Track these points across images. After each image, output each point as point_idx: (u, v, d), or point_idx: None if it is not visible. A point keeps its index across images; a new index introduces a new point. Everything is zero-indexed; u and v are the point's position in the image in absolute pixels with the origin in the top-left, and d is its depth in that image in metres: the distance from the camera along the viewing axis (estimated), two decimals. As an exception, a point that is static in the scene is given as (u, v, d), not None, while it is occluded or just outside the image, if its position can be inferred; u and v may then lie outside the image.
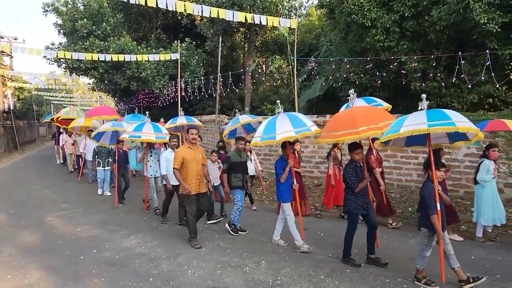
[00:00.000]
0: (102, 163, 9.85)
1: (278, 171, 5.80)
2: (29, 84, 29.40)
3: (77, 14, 15.84)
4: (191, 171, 5.89)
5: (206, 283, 4.59)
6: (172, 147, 7.25)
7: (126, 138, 7.77)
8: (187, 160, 5.83)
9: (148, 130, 7.56)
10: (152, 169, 8.12)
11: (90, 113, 11.47)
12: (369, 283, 4.56)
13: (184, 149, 6.00)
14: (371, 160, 6.62)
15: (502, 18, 7.53)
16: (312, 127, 5.45)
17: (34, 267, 5.17)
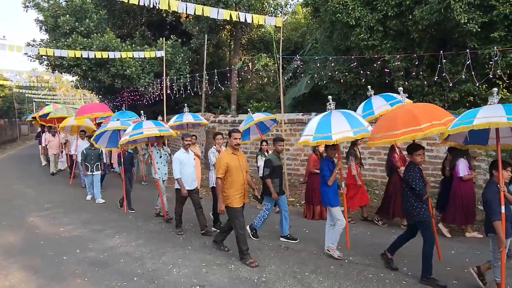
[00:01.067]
0: (90, 168, 8.94)
1: (324, 173, 5.34)
2: (10, 81, 28.72)
3: (59, 10, 15.50)
4: (237, 180, 5.12)
5: (191, 282, 4.59)
6: (185, 147, 6.50)
7: (127, 139, 7.04)
8: (231, 168, 5.05)
9: (149, 126, 7.12)
10: (161, 172, 7.51)
11: (81, 111, 10.53)
12: (352, 278, 4.63)
13: (227, 154, 5.16)
14: (395, 159, 6.44)
15: (481, 18, 7.70)
16: (368, 127, 5.00)
17: (16, 268, 5.09)
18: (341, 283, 4.50)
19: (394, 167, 6.54)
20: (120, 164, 8.24)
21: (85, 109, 10.62)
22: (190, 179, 6.37)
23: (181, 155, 6.38)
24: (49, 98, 34.05)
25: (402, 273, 4.73)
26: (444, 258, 5.14)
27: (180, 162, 6.30)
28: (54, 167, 13.11)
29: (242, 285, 4.47)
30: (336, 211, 5.28)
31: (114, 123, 8.21)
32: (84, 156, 8.97)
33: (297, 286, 4.44)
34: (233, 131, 5.21)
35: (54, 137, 13.04)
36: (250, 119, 8.09)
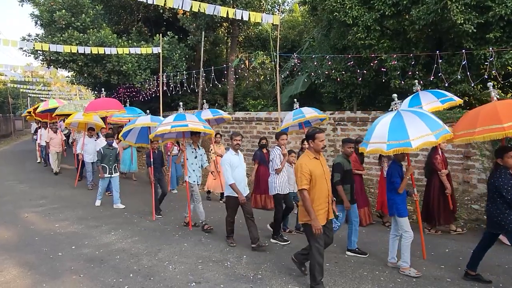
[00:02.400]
0: (108, 169, 8.08)
1: (395, 179, 4.78)
2: (4, 76, 28.46)
3: (55, 5, 15.35)
4: (321, 191, 4.21)
5: (187, 278, 4.60)
6: (234, 148, 5.70)
7: (168, 130, 6.21)
8: (315, 177, 4.13)
9: (193, 119, 6.37)
10: (195, 174, 6.68)
11: (92, 107, 9.66)
12: (347, 276, 4.67)
13: (309, 160, 4.20)
14: (436, 160, 6.07)
15: (477, 19, 7.74)
16: (446, 127, 4.45)
17: (11, 264, 5.07)
18: (336, 280, 4.54)
19: (434, 169, 6.14)
20: (150, 164, 7.41)
21: (96, 105, 9.76)
22: (242, 184, 5.64)
23: (231, 157, 5.63)
24: (44, 94, 33.76)
25: (396, 271, 4.77)
26: (438, 257, 5.20)
27: (231, 165, 5.53)
28: (57, 165, 12.34)
29: (238, 282, 4.49)
30: (405, 222, 4.75)
31: (143, 120, 7.46)
32: (101, 156, 8.08)
33: (292, 283, 4.47)
34: (316, 131, 4.25)
35: (56, 134, 12.37)
36: (299, 113, 7.25)
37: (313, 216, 4.03)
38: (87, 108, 9.74)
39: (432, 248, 5.56)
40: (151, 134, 6.71)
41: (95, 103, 10.01)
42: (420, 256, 5.12)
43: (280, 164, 5.94)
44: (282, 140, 6.08)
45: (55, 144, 12.16)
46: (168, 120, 6.37)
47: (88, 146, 10.02)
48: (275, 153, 6.03)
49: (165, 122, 6.39)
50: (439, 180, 6.10)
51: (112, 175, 8.13)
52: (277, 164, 5.96)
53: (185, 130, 6.31)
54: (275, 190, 5.94)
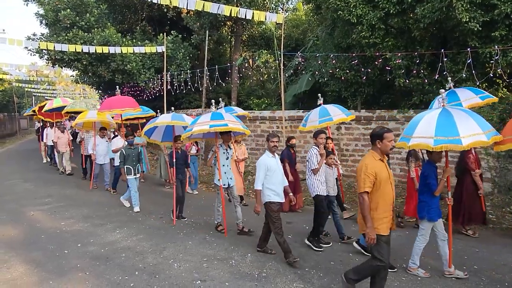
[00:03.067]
0: (132, 170, 7.72)
1: (430, 181, 4.54)
2: (9, 75, 28.63)
3: (59, 4, 15.43)
4: (386, 197, 3.78)
5: (192, 276, 4.62)
6: (271, 150, 5.21)
7: (207, 130, 5.75)
8: (380, 180, 3.72)
9: (231, 118, 5.97)
10: (226, 177, 6.29)
11: (107, 105, 9.29)
12: (352, 274, 4.66)
13: (374, 161, 3.78)
14: (469, 160, 5.89)
15: (483, 17, 7.69)
16: None
17: (17, 261, 5.12)
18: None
19: (467, 169, 5.95)
20: (172, 165, 7.00)
21: (111, 104, 9.27)
22: (280, 190, 5.17)
23: (268, 160, 5.12)
24: (48, 93, 33.98)
25: (401, 270, 4.76)
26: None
27: (268, 169, 5.06)
28: (63, 166, 12.10)
29: (243, 280, 4.51)
30: (428, 226, 4.60)
31: (164, 118, 6.99)
32: (123, 157, 7.63)
33: (297, 282, 4.48)
34: (385, 131, 3.81)
35: (63, 134, 12.04)
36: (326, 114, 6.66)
37: (370, 223, 3.65)
38: (102, 107, 9.45)
39: (437, 247, 5.53)
40: (184, 134, 6.15)
41: (110, 101, 9.50)
42: (425, 254, 5.10)
43: (317, 163, 5.62)
44: (321, 139, 5.71)
45: (61, 144, 11.92)
46: (204, 119, 5.86)
47: (100, 147, 9.74)
48: (312, 152, 5.71)
49: (202, 121, 5.85)
50: (471, 180, 5.93)
51: (136, 176, 7.78)
52: (314, 164, 5.63)
53: (224, 130, 5.87)
54: (316, 191, 5.61)
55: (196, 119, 6.08)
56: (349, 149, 10.20)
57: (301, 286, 4.37)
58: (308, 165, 5.74)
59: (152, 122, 7.00)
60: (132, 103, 9.38)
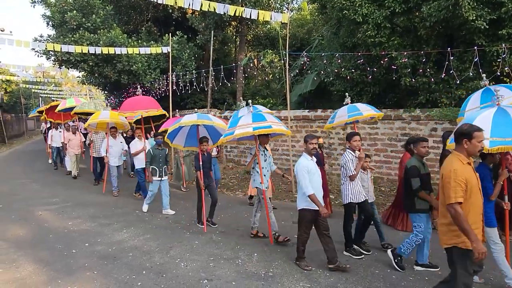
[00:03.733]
0: (158, 172, 7.41)
1: (486, 184, 4.16)
2: (16, 76, 28.90)
3: (66, 6, 15.54)
4: (476, 206, 3.38)
5: (199, 275, 4.64)
6: (310, 152, 4.87)
7: (251, 132, 5.37)
8: (471, 187, 3.30)
9: (273, 119, 5.65)
10: (265, 180, 5.91)
11: (129, 106, 8.83)
12: (359, 274, 4.67)
13: (463, 165, 3.33)
14: (507, 160, 5.49)
15: (490, 15, 7.64)
16: None
17: (26, 260, 5.17)
18: (348, 278, 4.54)
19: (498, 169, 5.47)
20: (199, 168, 6.57)
21: (134, 104, 8.85)
22: (320, 195, 4.80)
23: (308, 163, 4.78)
24: (55, 94, 34.23)
25: (408, 270, 4.75)
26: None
27: (308, 172, 4.71)
28: (76, 168, 11.55)
29: (250, 280, 4.52)
30: (494, 232, 4.23)
31: (190, 117, 6.51)
32: (150, 157, 7.35)
33: (304, 281, 4.48)
34: (474, 129, 3.33)
35: (75, 135, 11.58)
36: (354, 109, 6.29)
37: (474, 236, 3.14)
38: (124, 107, 9.00)
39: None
40: (225, 138, 5.71)
41: (132, 102, 9.07)
42: (431, 254, 5.08)
43: (354, 169, 5.22)
44: (355, 142, 5.29)
45: (73, 145, 11.42)
46: (246, 122, 5.48)
47: (113, 149, 9.27)
48: (347, 157, 5.26)
49: (244, 123, 5.47)
50: (508, 180, 5.54)
51: (162, 178, 7.46)
52: (350, 170, 5.20)
53: (268, 132, 5.55)
54: (348, 199, 5.26)
55: (235, 121, 5.61)
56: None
57: (308, 286, 4.37)
58: (343, 171, 5.33)
59: (177, 123, 6.49)
60: (155, 104, 9.00)
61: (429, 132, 8.88)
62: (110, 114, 9.19)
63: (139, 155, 8.53)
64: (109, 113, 9.25)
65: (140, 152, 8.50)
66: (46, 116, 13.64)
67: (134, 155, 8.63)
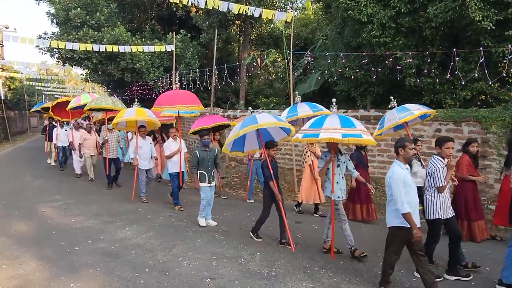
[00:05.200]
0: (207, 177, 6.44)
1: None
2: (20, 74, 28.93)
3: (70, 3, 15.60)
4: None
5: (202, 274, 4.64)
6: (408, 159, 4.24)
7: (339, 139, 4.60)
8: None
9: (362, 127, 4.93)
10: (339, 188, 5.22)
11: (166, 100, 7.74)
12: (362, 275, 4.65)
13: None
14: None
15: (496, 16, 7.60)
16: None
17: (29, 257, 5.18)
18: (351, 279, 4.52)
19: None
20: (271, 177, 5.54)
21: (170, 99, 7.76)
22: (416, 212, 4.11)
23: (403, 172, 4.06)
24: (58, 91, 34.32)
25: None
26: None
27: (404, 184, 4.02)
28: (92, 171, 10.56)
29: (253, 279, 4.51)
30: None
31: (248, 123, 5.57)
32: (197, 160, 6.41)
33: (307, 281, 4.46)
34: None
35: (90, 134, 10.47)
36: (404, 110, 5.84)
37: None
38: (161, 101, 7.80)
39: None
40: (305, 139, 4.98)
41: (171, 96, 7.89)
42: (436, 255, 5.05)
43: (444, 179, 4.55)
44: (448, 149, 4.59)
45: (89, 145, 10.37)
46: (333, 125, 4.73)
47: (143, 150, 8.21)
48: (437, 165, 4.56)
49: (330, 127, 4.70)
50: None
51: (211, 184, 6.55)
52: (440, 180, 4.52)
53: (357, 142, 4.85)
54: (435, 214, 4.56)
55: (320, 121, 4.87)
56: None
57: (311, 286, 4.36)
58: (430, 180, 4.63)
59: (236, 131, 5.63)
60: (195, 99, 7.96)
61: (433, 133, 8.84)
62: (135, 111, 8.16)
63: (173, 157, 7.80)
64: (135, 110, 8.22)
65: (176, 153, 7.81)
66: (52, 114, 12.52)
67: (168, 157, 7.83)
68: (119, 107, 9.35)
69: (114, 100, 9.55)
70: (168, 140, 8.09)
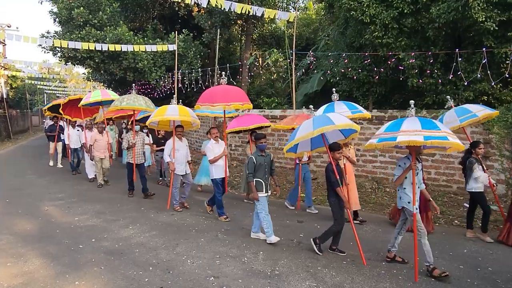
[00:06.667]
0: (265, 185, 5.73)
1: None
2: (22, 72, 29.00)
3: (73, 3, 15.61)
4: None
5: (205, 273, 4.66)
6: None
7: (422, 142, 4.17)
8: None
9: (447, 129, 4.42)
10: (417, 199, 4.74)
11: (207, 97, 6.87)
12: (365, 274, 4.67)
13: None
14: None
15: (499, 17, 7.62)
16: None
17: (34, 255, 5.20)
18: (354, 278, 4.54)
19: None
20: (338, 183, 5.13)
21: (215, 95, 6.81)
22: None
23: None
24: (59, 90, 34.42)
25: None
26: (456, 257, 5.16)
27: None
28: (102, 175, 9.78)
29: (256, 278, 4.53)
30: None
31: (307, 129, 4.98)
32: (253, 167, 5.67)
33: (310, 280, 4.48)
34: None
35: (102, 136, 9.66)
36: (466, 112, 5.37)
37: None
38: (203, 98, 6.94)
39: (450, 248, 5.53)
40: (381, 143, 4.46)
41: (222, 93, 6.84)
42: (439, 255, 5.07)
43: None
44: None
45: (100, 147, 9.59)
46: (412, 127, 4.30)
47: (180, 153, 7.50)
48: None
49: (410, 129, 4.28)
50: None
51: (267, 193, 5.82)
52: None
53: (440, 144, 4.30)
54: None
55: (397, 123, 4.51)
56: (360, 149, 10.15)
57: (314, 285, 4.38)
58: None
59: (307, 131, 4.93)
60: (242, 95, 6.98)
61: (435, 134, 8.85)
62: (179, 109, 7.29)
63: (218, 161, 6.94)
64: (178, 108, 7.33)
65: (221, 157, 6.97)
66: (63, 112, 11.39)
67: (212, 161, 6.92)
68: (151, 107, 8.51)
69: (146, 99, 8.59)
70: (210, 141, 7.23)
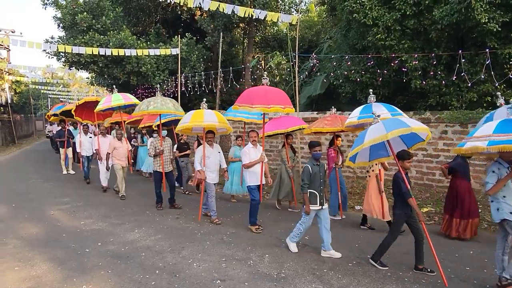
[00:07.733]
0: (319, 198, 5.19)
1: None
2: (26, 77, 29.22)
3: (76, 8, 15.76)
4: None
5: (211, 276, 4.67)
6: None
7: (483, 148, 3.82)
8: None
9: None
10: (509, 206, 4.29)
11: (245, 98, 6.37)
12: (371, 276, 4.67)
13: None
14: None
15: (502, 18, 7.62)
16: None
17: (41, 259, 5.24)
18: (360, 281, 4.54)
19: None
20: (410, 194, 4.61)
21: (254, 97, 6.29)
22: None
23: None
24: (63, 94, 34.59)
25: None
26: (462, 259, 5.15)
27: None
28: (123, 186, 9.03)
29: (262, 280, 4.54)
30: None
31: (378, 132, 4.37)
32: (308, 176, 5.16)
33: (316, 283, 4.49)
34: None
35: (122, 143, 9.05)
36: None
37: None
38: (242, 99, 6.43)
39: (456, 250, 5.51)
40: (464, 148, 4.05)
41: (262, 94, 6.31)
42: (443, 257, 5.06)
43: None
44: None
45: (120, 155, 8.96)
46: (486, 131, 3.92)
47: (211, 160, 6.90)
48: None
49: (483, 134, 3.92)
50: None
51: (323, 207, 5.27)
52: None
53: None
54: None
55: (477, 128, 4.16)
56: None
57: (320, 287, 4.38)
58: None
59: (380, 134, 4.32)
60: (284, 98, 6.43)
61: (439, 135, 8.85)
62: (217, 115, 6.88)
63: (254, 167, 6.47)
64: (215, 114, 6.90)
65: (257, 163, 6.48)
66: (75, 114, 10.82)
67: (247, 166, 6.48)
68: (180, 111, 8.00)
69: (174, 102, 7.98)
70: (247, 145, 6.71)
